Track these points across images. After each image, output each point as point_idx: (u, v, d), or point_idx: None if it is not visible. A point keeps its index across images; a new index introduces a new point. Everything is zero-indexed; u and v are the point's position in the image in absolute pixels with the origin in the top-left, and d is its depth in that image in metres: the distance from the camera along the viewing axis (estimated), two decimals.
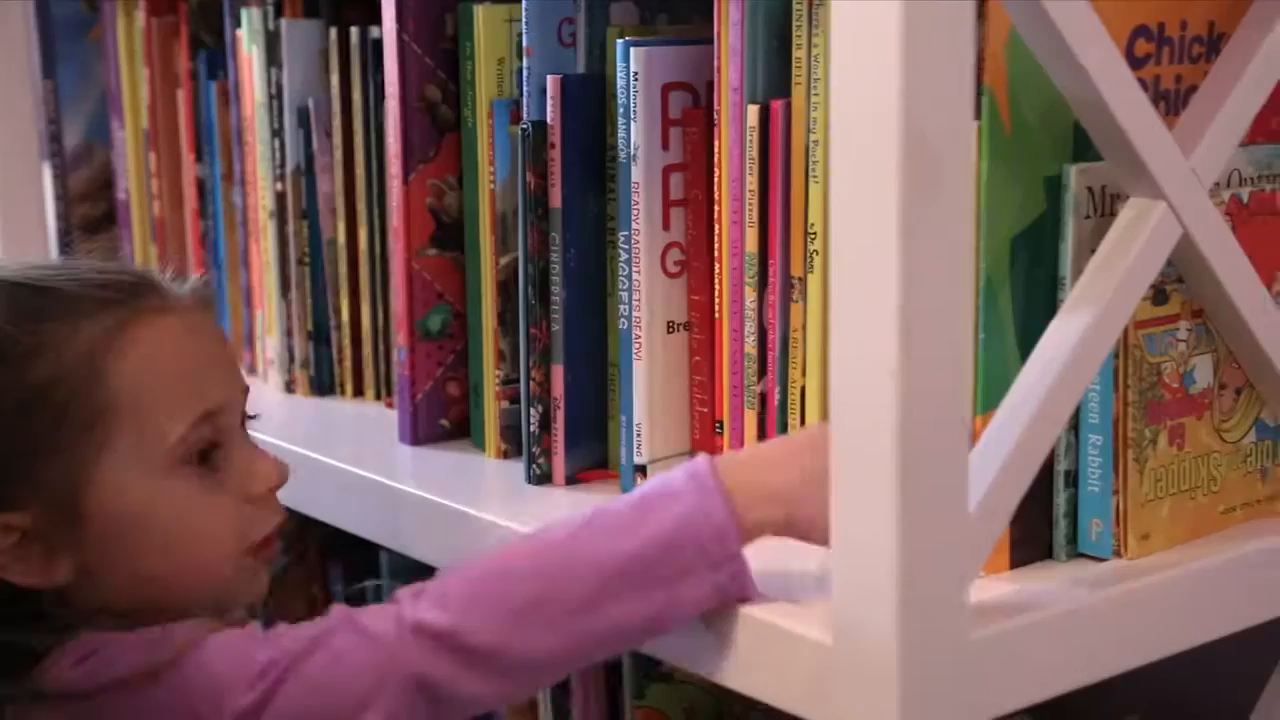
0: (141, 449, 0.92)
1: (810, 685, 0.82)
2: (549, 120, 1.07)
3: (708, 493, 0.85)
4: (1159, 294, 0.91)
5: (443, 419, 1.23)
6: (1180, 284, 0.92)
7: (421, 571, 1.01)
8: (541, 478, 1.12)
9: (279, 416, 1.34)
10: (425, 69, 1.19)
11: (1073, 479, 0.91)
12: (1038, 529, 0.91)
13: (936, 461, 0.76)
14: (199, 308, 0.98)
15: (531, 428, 1.11)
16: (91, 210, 1.58)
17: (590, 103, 1.08)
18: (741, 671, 0.86)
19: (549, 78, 1.07)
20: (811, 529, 0.85)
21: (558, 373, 1.10)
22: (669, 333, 1.07)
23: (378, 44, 1.27)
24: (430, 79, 1.19)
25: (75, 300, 0.93)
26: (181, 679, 0.87)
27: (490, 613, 0.85)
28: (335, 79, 1.31)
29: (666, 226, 1.05)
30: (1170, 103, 0.91)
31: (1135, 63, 0.88)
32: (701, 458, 0.87)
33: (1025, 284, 0.88)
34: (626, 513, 0.86)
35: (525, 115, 1.10)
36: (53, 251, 1.58)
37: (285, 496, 1.27)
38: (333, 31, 1.31)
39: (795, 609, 0.85)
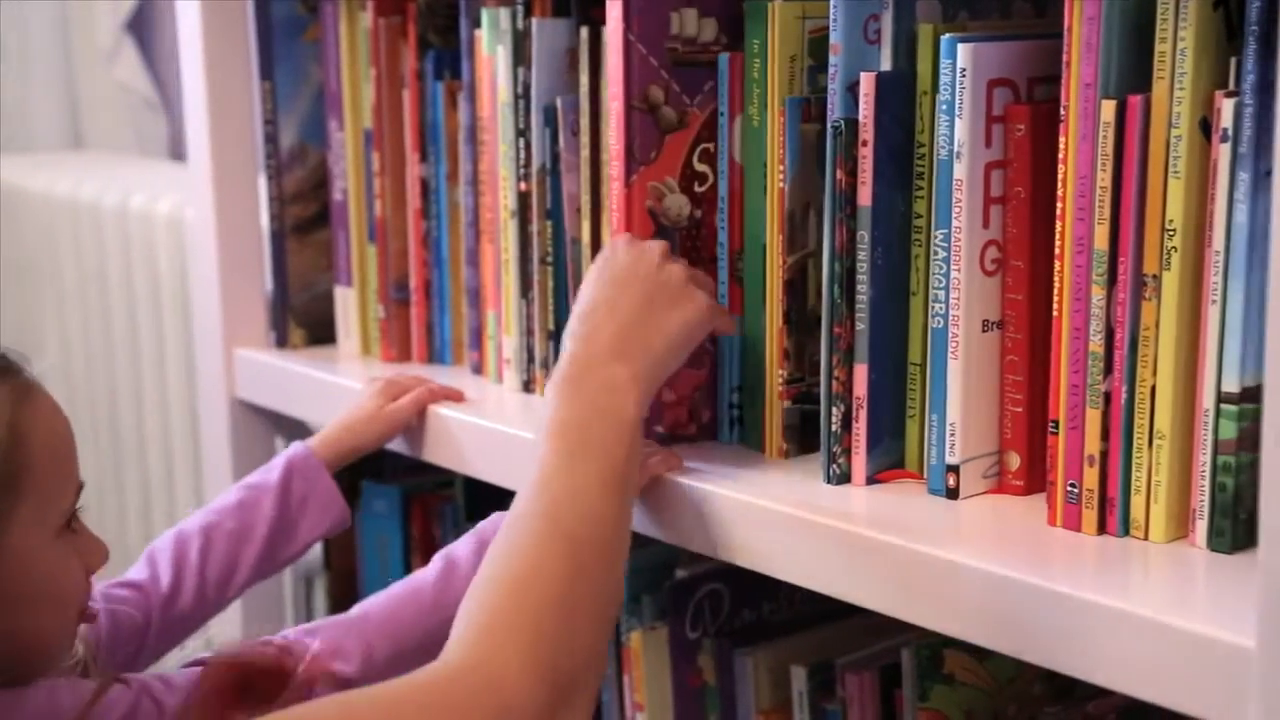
0: (43, 511, 0.97)
1: (1228, 691, 0.81)
2: (860, 118, 1.06)
3: None
4: None
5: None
6: None
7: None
8: (841, 478, 1.11)
9: (520, 415, 1.34)
10: (649, 69, 1.18)
11: None
12: None
13: None
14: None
15: (833, 427, 1.10)
16: (303, 211, 1.57)
17: (900, 99, 1.07)
18: (1151, 680, 0.85)
19: (863, 75, 1.06)
20: None
21: (860, 372, 1.09)
22: (983, 331, 1.06)
23: None
24: (654, 79, 1.18)
25: None
26: None
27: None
28: (585, 78, 1.30)
29: (986, 224, 1.04)
30: None
31: None
32: None
33: None
34: None
35: (831, 113, 1.08)
36: (267, 252, 1.57)
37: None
38: (583, 30, 1.30)
39: (1208, 612, 0.84)
